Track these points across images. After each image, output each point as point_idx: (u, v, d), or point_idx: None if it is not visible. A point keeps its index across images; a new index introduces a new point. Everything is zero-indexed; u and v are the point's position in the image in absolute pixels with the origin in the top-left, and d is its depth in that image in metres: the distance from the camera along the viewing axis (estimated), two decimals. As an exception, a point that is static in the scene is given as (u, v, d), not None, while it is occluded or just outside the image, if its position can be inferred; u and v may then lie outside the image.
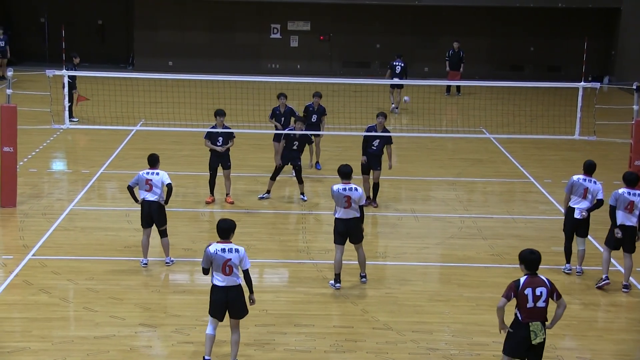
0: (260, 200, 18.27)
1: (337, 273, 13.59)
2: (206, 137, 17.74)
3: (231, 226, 10.94)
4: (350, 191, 13.38)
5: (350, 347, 11.77)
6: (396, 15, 37.30)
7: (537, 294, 9.88)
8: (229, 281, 10.78)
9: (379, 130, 17.78)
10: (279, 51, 37.96)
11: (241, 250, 10.84)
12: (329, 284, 13.70)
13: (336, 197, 13.41)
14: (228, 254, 10.73)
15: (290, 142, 18.03)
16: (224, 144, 17.66)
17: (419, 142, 24.25)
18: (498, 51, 37.94)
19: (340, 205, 13.39)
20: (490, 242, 16.28)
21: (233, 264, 10.73)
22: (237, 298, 10.86)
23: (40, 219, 16.72)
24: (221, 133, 17.63)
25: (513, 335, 10.04)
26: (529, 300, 9.86)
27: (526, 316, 9.89)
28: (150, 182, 14.15)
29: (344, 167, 13.73)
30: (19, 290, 13.24)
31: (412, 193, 19.73)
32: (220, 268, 10.73)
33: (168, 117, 23.97)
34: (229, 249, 10.77)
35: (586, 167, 14.43)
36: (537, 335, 9.87)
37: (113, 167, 20.82)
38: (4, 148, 17.11)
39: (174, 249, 15.01)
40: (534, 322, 9.86)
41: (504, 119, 26.52)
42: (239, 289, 10.88)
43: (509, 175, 21.43)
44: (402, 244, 16.07)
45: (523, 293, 9.87)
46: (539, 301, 9.87)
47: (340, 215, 13.45)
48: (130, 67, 38.02)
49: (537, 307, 9.88)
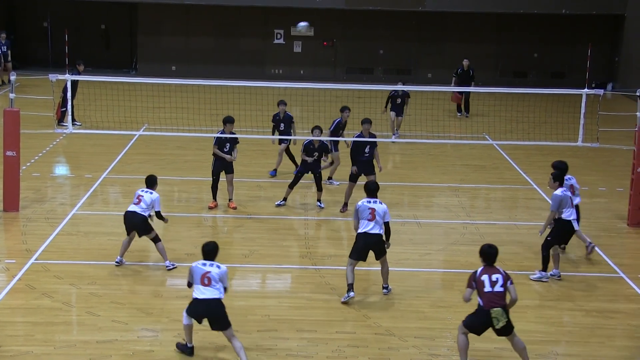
0: (277, 206, 18.28)
1: (349, 283, 13.30)
2: (215, 144, 17.78)
3: (214, 248, 11.31)
4: (375, 204, 13.28)
5: (353, 352, 11.75)
6: (400, 21, 37.32)
7: (494, 280, 10.75)
8: (208, 293, 10.97)
9: (365, 136, 17.90)
10: (282, 56, 38.00)
11: (223, 268, 11.12)
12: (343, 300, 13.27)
13: (361, 211, 13.20)
14: (208, 267, 11.08)
15: (311, 153, 18.05)
16: (231, 151, 17.71)
17: (422, 149, 24.25)
18: (502, 57, 37.97)
19: (365, 218, 13.17)
20: (492, 249, 16.24)
21: (212, 276, 10.99)
22: (217, 310, 11.04)
23: (43, 223, 16.73)
24: (229, 139, 17.67)
25: (475, 318, 10.92)
26: (485, 285, 10.73)
27: (487, 301, 10.68)
28: (141, 198, 14.37)
29: (373, 184, 13.69)
30: (21, 295, 13.24)
31: (415, 199, 19.72)
32: (199, 280, 11.02)
33: (171, 122, 23.99)
34: (210, 264, 11.13)
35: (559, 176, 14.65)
36: (499, 320, 10.65)
37: (116, 171, 20.83)
38: (6, 152, 17.12)
39: (177, 253, 15.01)
40: (494, 309, 10.63)
41: (507, 125, 26.52)
42: (218, 302, 11.02)
43: (512, 182, 21.42)
44: (405, 250, 16.06)
45: (480, 279, 10.79)
46: (496, 286, 10.71)
47: (364, 228, 13.18)
48: (133, 72, 38.05)
49: (495, 291, 10.70)
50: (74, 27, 37.41)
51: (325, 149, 18.34)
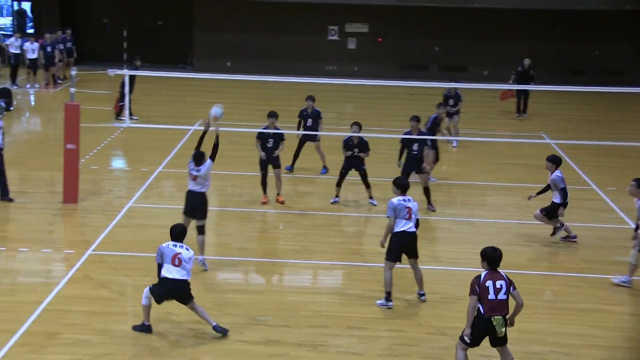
0: (333, 204, 18.29)
1: (388, 291, 13.05)
2: (258, 138, 17.88)
3: (182, 230, 11.85)
4: (409, 202, 13.00)
5: (404, 351, 11.74)
6: (456, 17, 37.09)
7: (498, 287, 10.26)
8: (178, 274, 11.52)
9: (414, 133, 17.84)
10: (336, 53, 38.01)
11: (191, 251, 11.72)
12: (378, 304, 13.10)
13: (398, 209, 12.86)
14: (179, 249, 11.61)
15: (350, 149, 18.05)
16: (275, 147, 17.80)
17: (475, 147, 24.07)
18: (559, 55, 37.48)
19: (402, 217, 12.87)
20: (548, 250, 16.11)
21: (182, 257, 11.54)
22: (184, 290, 11.68)
23: (100, 215, 16.99)
24: (272, 134, 17.76)
25: (475, 327, 10.32)
26: (490, 292, 10.22)
27: (488, 309, 10.20)
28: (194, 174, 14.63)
29: (402, 180, 13.34)
30: (79, 285, 13.48)
31: (468, 198, 19.61)
32: (170, 260, 11.53)
33: (225, 117, 24.05)
34: (180, 246, 11.66)
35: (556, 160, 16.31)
36: (500, 328, 10.23)
37: (171, 165, 21.05)
38: (67, 145, 17.41)
39: (228, 247, 15.13)
40: (496, 317, 10.19)
41: (565, 124, 26.17)
42: (185, 283, 11.63)
43: (570, 182, 21.06)
44: (457, 249, 15.98)
45: (484, 285, 10.26)
46: (499, 293, 10.23)
47: (402, 227, 12.88)
48: (189, 68, 38.39)
49: (499, 299, 10.23)
50: (132, 24, 37.93)
51: (365, 145, 18.12)
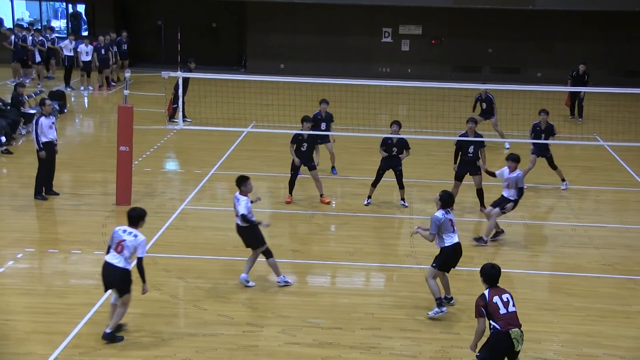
0: (366, 205, 18.28)
1: (441, 297, 12.84)
2: (292, 142, 18.01)
3: (139, 214, 11.56)
4: (451, 214, 12.80)
5: (457, 353, 11.67)
6: (509, 19, 36.84)
7: (505, 300, 10.03)
8: (116, 260, 11.33)
9: (470, 136, 17.75)
10: (389, 55, 37.99)
11: (140, 237, 11.38)
12: (431, 315, 12.75)
13: (444, 224, 12.66)
14: (126, 235, 11.37)
15: (389, 148, 17.99)
16: (310, 150, 17.94)
17: (529, 149, 23.78)
18: (613, 56, 37.02)
19: (449, 231, 12.66)
20: (601, 252, 15.92)
21: (125, 245, 11.29)
22: (120, 279, 11.39)
23: (153, 217, 17.03)
24: (307, 139, 17.85)
25: (494, 347, 9.96)
26: (500, 307, 9.96)
27: (505, 324, 9.90)
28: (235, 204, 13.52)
29: (449, 196, 12.95)
30: (132, 287, 13.56)
31: (522, 200, 19.36)
32: (114, 245, 11.39)
33: (278, 119, 24.23)
34: (129, 232, 11.40)
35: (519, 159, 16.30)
36: (519, 342, 9.88)
37: (224, 167, 21.18)
38: (120, 147, 17.57)
39: (282, 250, 15.15)
40: (514, 330, 9.87)
41: (619, 126, 25.82)
42: (124, 272, 11.39)
43: (623, 184, 20.89)
44: (511, 252, 15.85)
45: (492, 302, 9.99)
46: (509, 306, 10.00)
47: (453, 241, 12.69)
48: (242, 70, 38.63)
49: (510, 311, 9.97)
50: (186, 26, 38.27)
51: (405, 145, 18.03)
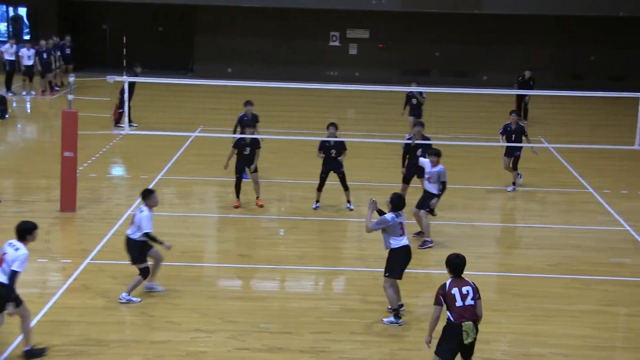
0: (315, 209, 18.25)
1: (398, 308, 12.71)
2: (234, 146, 18.05)
3: (25, 227, 10.96)
4: (401, 217, 12.72)
5: (406, 356, 11.69)
6: (457, 23, 37.17)
7: (464, 293, 10.09)
8: None
9: (417, 139, 17.73)
10: (338, 58, 38.05)
11: (21, 252, 10.75)
12: (386, 322, 12.68)
13: (393, 227, 12.60)
14: (8, 248, 10.82)
15: (328, 150, 17.98)
16: (252, 155, 17.90)
17: (477, 151, 24.00)
18: (559, 60, 37.55)
19: (397, 234, 12.60)
20: (547, 252, 16.08)
21: (6, 259, 10.73)
22: None
23: (99, 223, 16.92)
24: (249, 143, 17.79)
25: (447, 338, 10.12)
26: (457, 299, 10.05)
27: (458, 316, 10.01)
28: None
29: (400, 199, 12.82)
30: (77, 294, 13.40)
31: (469, 202, 19.56)
32: None
33: (227, 124, 24.05)
34: (12, 245, 10.84)
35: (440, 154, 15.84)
36: (469, 335, 10.01)
37: (171, 172, 21.02)
38: (64, 153, 17.33)
39: (230, 255, 15.05)
40: (466, 323, 9.97)
41: (563, 128, 26.22)
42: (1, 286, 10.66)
43: (568, 185, 21.16)
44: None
45: (450, 293, 10.09)
46: (467, 299, 10.07)
47: (402, 242, 12.65)
48: (190, 74, 38.41)
49: (467, 305, 10.04)
50: (132, 30, 37.93)
51: (342, 146, 18.02)
